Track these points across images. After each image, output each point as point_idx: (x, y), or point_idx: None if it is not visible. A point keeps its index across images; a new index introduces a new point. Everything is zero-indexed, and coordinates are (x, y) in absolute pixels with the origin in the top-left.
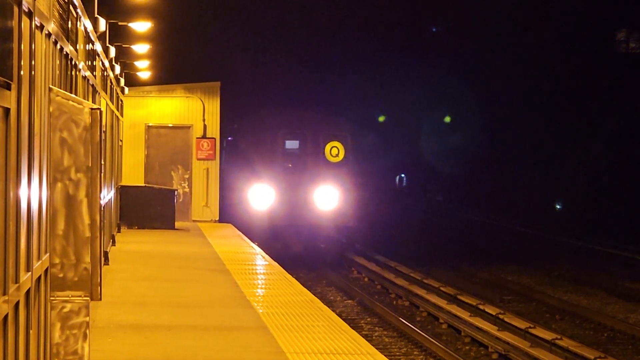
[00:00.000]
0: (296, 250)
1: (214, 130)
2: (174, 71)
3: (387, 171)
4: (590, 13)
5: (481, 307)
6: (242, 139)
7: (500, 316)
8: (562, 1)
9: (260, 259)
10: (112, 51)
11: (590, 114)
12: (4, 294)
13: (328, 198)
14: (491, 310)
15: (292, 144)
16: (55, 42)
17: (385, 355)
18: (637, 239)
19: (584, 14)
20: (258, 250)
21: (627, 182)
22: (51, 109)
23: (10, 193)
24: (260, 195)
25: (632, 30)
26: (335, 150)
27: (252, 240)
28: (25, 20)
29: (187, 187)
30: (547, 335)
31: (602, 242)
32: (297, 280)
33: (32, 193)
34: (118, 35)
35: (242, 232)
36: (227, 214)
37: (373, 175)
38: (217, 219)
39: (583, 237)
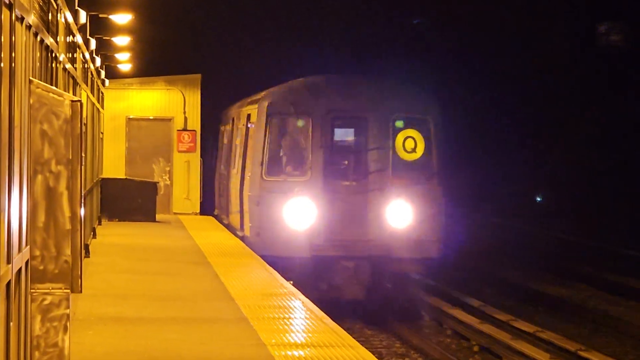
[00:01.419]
0: (352, 296)
1: (195, 123)
2: (155, 63)
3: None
4: (574, 5)
5: (462, 299)
6: (260, 128)
7: (482, 308)
8: None
9: (242, 252)
10: (93, 43)
11: (573, 106)
12: None
13: (400, 216)
14: (473, 302)
15: (344, 134)
16: (36, 34)
17: (366, 348)
18: (619, 230)
19: (568, 6)
20: (239, 242)
21: (610, 174)
22: (31, 101)
23: None
24: (296, 214)
25: (614, 23)
26: (411, 142)
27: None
28: (5, 12)
29: (168, 179)
30: (529, 327)
31: (584, 234)
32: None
33: (12, 185)
34: (99, 28)
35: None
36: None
37: None
38: (198, 211)
39: (565, 229)
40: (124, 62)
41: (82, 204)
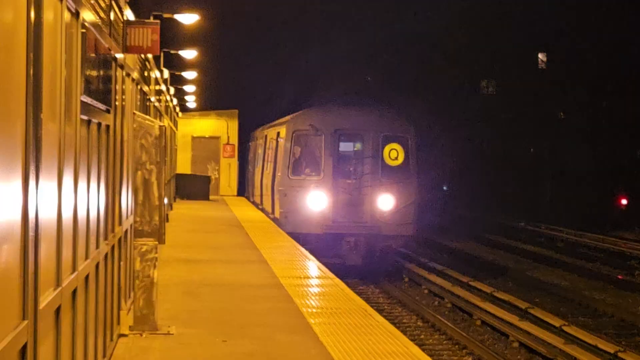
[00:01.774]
0: (352, 263)
1: (234, 139)
2: (209, 101)
3: None
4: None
5: (430, 265)
6: (288, 142)
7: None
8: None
9: (264, 220)
10: (172, 90)
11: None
12: (106, 239)
13: (387, 205)
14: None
15: (347, 146)
16: (137, 84)
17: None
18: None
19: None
20: (261, 214)
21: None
22: (134, 126)
23: (111, 178)
24: (312, 203)
25: (490, 80)
26: (394, 152)
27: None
28: (119, 71)
29: (217, 174)
30: (487, 288)
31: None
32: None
33: (122, 178)
34: (176, 80)
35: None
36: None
37: None
38: (236, 194)
39: (465, 208)
40: (191, 101)
41: (164, 189)
